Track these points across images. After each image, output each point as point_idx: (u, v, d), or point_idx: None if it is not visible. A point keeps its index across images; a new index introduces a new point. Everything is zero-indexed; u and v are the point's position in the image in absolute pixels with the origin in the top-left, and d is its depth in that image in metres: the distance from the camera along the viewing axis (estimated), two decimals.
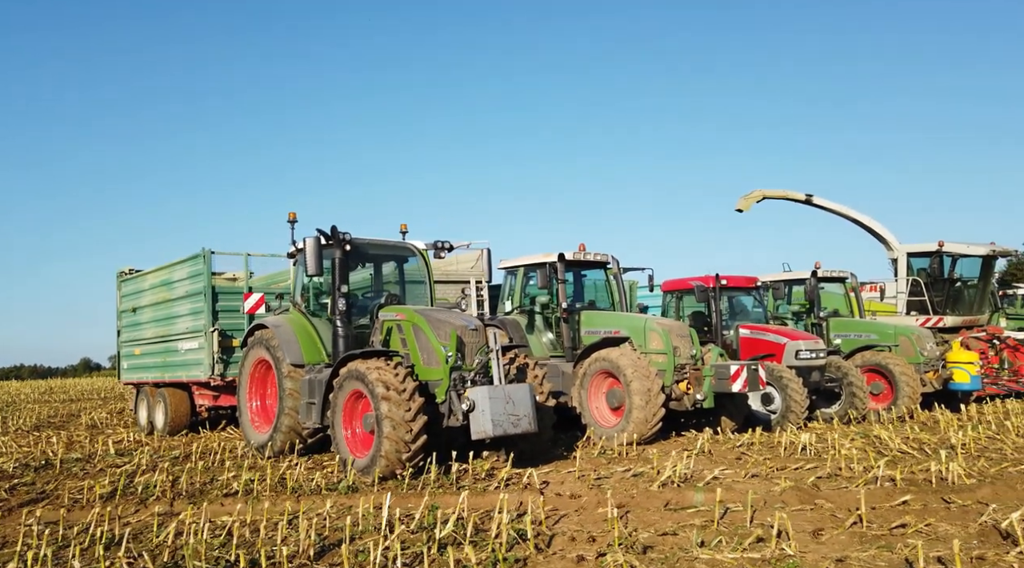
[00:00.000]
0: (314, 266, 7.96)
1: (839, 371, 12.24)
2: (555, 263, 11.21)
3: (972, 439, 8.90)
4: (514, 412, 7.21)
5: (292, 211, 9.10)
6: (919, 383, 12.49)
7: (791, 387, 11.09)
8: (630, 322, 10.75)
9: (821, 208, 19.29)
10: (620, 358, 9.69)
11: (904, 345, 13.49)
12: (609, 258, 11.94)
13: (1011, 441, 8.80)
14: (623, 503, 6.08)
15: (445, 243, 9.68)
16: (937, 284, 17.24)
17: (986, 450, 8.33)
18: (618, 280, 12.06)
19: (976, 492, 6.05)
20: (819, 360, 11.99)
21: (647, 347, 10.39)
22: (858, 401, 11.92)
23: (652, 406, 9.33)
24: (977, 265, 17.56)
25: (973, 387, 12.83)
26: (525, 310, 11.78)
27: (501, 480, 6.72)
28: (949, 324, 16.94)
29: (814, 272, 14.57)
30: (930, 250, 17.29)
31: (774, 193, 19.29)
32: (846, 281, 15.45)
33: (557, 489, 6.66)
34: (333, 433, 7.74)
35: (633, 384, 9.41)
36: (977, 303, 17.87)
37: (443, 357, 7.62)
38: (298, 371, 8.61)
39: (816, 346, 12.04)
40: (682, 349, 10.28)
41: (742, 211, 19.45)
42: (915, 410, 12.27)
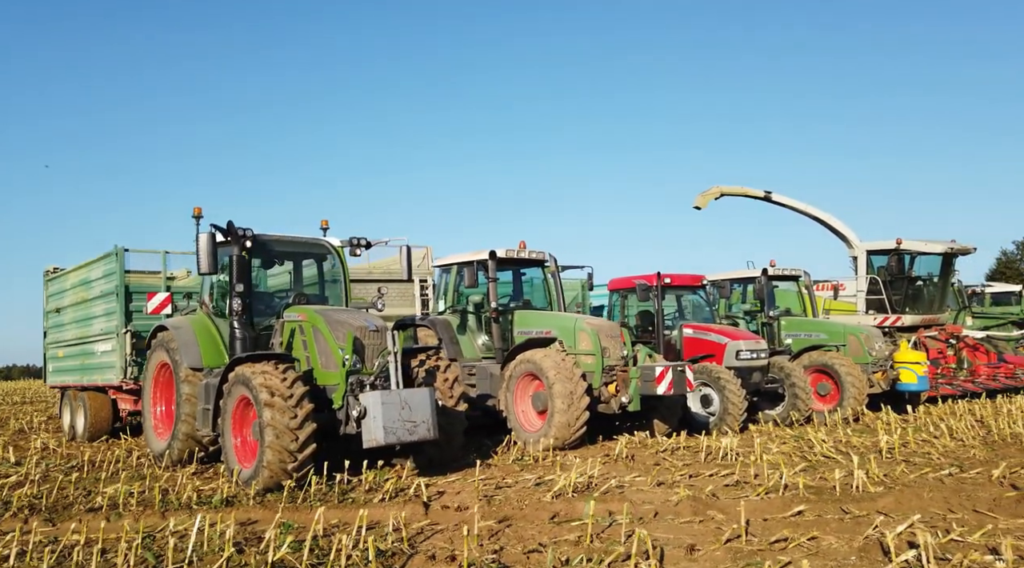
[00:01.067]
0: (207, 264, 7.59)
1: (782, 372, 12.04)
2: (485, 261, 10.91)
3: (902, 443, 8.71)
4: (410, 418, 6.89)
5: (197, 206, 8.70)
6: (865, 384, 12.32)
7: (728, 389, 10.86)
8: (560, 322, 10.47)
9: (780, 205, 19.14)
10: (544, 360, 9.40)
11: (852, 345, 13.33)
12: (546, 256, 11.65)
13: (942, 445, 8.61)
14: (509, 515, 5.79)
15: (361, 240, 9.34)
16: (896, 282, 17.15)
17: (914, 454, 8.13)
18: (555, 279, 11.77)
19: (878, 501, 5.82)
20: (760, 360, 11.78)
21: (577, 348, 10.12)
22: (800, 402, 11.72)
23: (575, 409, 9.05)
24: (937, 263, 17.49)
25: (920, 388, 12.67)
26: (458, 310, 11.47)
27: (388, 492, 6.40)
28: (908, 323, 16.84)
29: (764, 271, 14.37)
30: (888, 248, 17.18)
31: (732, 190, 19.11)
32: (799, 279, 15.28)
33: (449, 500, 6.35)
34: (223, 441, 7.39)
35: (555, 386, 9.12)
36: (937, 301, 17.81)
37: (340, 360, 7.29)
38: (197, 375, 8.24)
39: (757, 346, 11.83)
40: (612, 350, 10.01)
41: (700, 208, 19.24)
42: (861, 412, 12.11)
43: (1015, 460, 7.58)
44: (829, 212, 18.85)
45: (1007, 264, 42.94)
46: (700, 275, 13.54)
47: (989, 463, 7.35)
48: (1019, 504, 5.66)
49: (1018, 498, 5.81)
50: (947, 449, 8.36)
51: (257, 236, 8.45)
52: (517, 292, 12.13)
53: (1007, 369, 16.14)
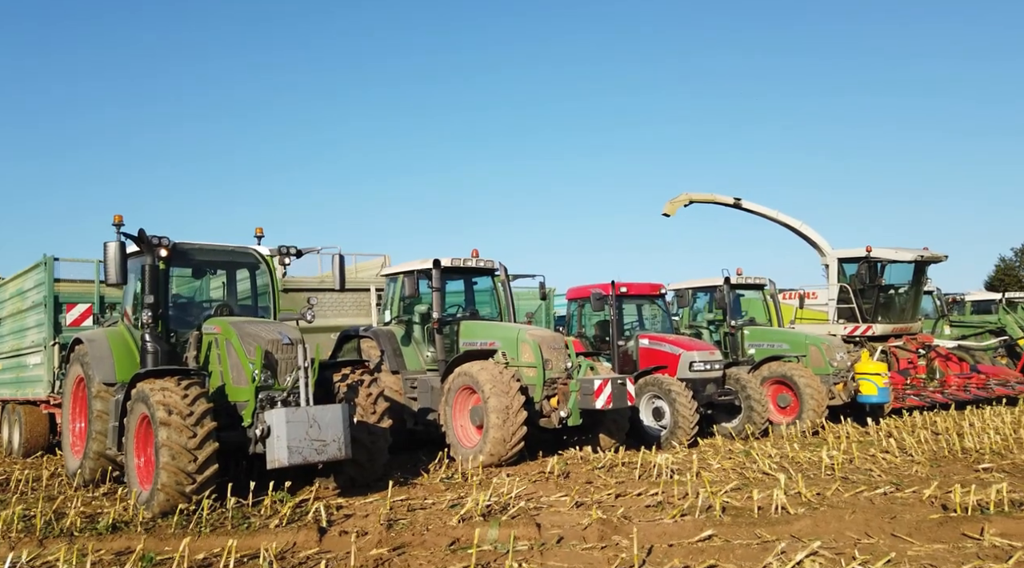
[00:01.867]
0: (116, 274, 7.31)
1: (737, 383, 11.79)
2: (429, 270, 10.65)
3: (848, 459, 8.47)
4: (319, 437, 6.61)
5: (118, 214, 8.41)
6: (825, 395, 12.08)
7: (679, 401, 10.62)
8: (504, 333, 10.21)
9: (750, 212, 18.97)
10: (480, 373, 9.13)
11: (813, 355, 13.10)
12: (495, 265, 11.39)
13: (888, 460, 8.37)
14: (407, 542, 5.51)
15: (291, 248, 9.07)
16: (867, 291, 16.96)
17: (856, 471, 7.89)
18: (506, 288, 11.51)
19: (795, 524, 5.56)
20: (714, 372, 11.54)
21: (519, 359, 9.86)
22: (756, 415, 11.47)
23: (511, 425, 8.78)
24: (909, 271, 17.32)
25: (881, 400, 12.42)
26: (403, 320, 11.20)
27: (284, 516, 6.11)
28: (879, 332, 16.65)
29: (727, 279, 14.17)
30: (859, 255, 17.00)
31: (701, 197, 18.93)
32: (764, 288, 15.07)
33: (352, 524, 6.07)
34: (126, 461, 7.09)
35: (491, 401, 8.85)
36: (909, 310, 17.63)
37: (250, 375, 7.01)
38: (109, 391, 7.94)
39: (711, 357, 11.59)
40: (555, 362, 9.75)
41: (668, 215, 19.06)
42: (821, 424, 11.85)
43: (956, 477, 7.35)
44: (800, 219, 18.73)
45: (1005, 271, 42.86)
46: (658, 284, 13.32)
47: (928, 481, 7.10)
48: (941, 527, 5.42)
49: (942, 520, 5.56)
50: (892, 465, 8.13)
51: (177, 245, 8.19)
52: (469, 302, 11.88)
53: (979, 380, 15.93)
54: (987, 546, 4.98)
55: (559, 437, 10.43)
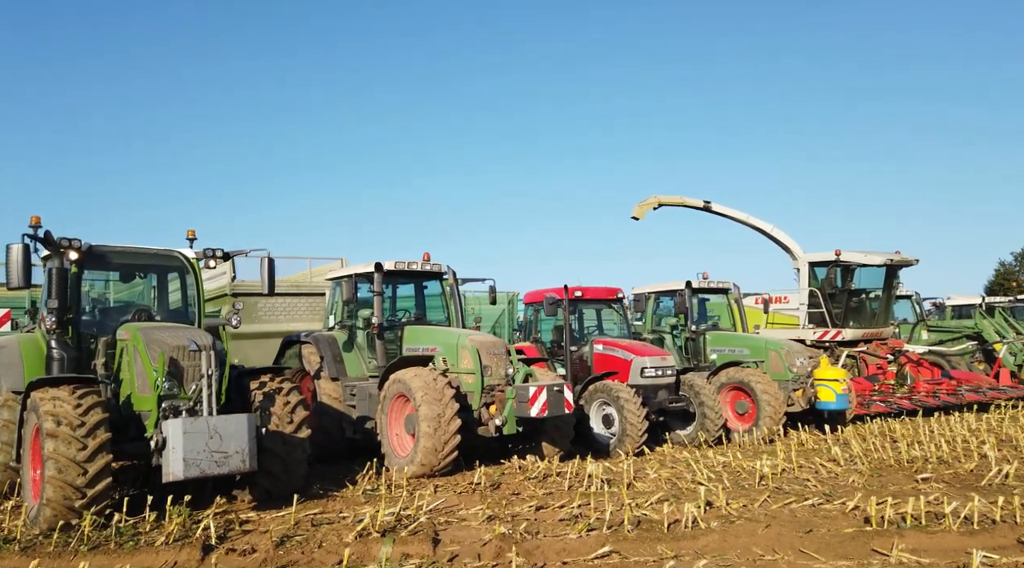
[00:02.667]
0: (18, 277, 7.06)
1: (691, 390, 11.56)
2: (370, 273, 10.42)
3: (787, 468, 8.24)
4: (220, 449, 6.35)
5: (35, 216, 8.13)
6: (782, 402, 11.85)
7: (627, 408, 10.38)
8: (445, 338, 9.96)
9: (720, 215, 18.79)
10: (413, 380, 8.88)
11: (773, 361, 12.89)
12: (443, 268, 11.16)
13: (829, 470, 8.15)
14: (294, 561, 5.26)
15: (217, 251, 8.80)
16: (837, 295, 16.77)
17: (792, 481, 7.66)
18: (454, 292, 11.28)
19: (701, 539, 5.33)
20: (665, 378, 11.31)
21: (459, 366, 9.61)
22: (709, 422, 11.25)
23: (443, 434, 8.52)
24: (880, 275, 17.15)
25: (839, 406, 12.17)
26: (346, 325, 10.95)
27: (172, 533, 5.83)
28: (849, 337, 16.47)
29: (688, 283, 13.96)
30: (828, 259, 16.82)
31: (670, 200, 18.75)
32: (728, 292, 14.87)
33: (246, 541, 5.80)
34: (22, 473, 6.81)
35: (422, 409, 8.59)
36: (881, 315, 17.45)
37: (153, 383, 6.75)
38: (17, 399, 7.64)
39: (663, 363, 11.36)
40: (494, 368, 9.50)
41: (637, 219, 18.86)
42: (778, 431, 11.61)
43: (892, 488, 7.13)
44: (771, 222, 18.57)
45: (1005, 276, 42.81)
46: (615, 288, 13.12)
47: (859, 491, 6.87)
48: (853, 541, 5.19)
49: (856, 535, 5.34)
50: (831, 475, 7.90)
51: (93, 247, 7.93)
52: (420, 307, 11.64)
53: (949, 386, 15.72)
54: (894, 563, 4.75)
55: (504, 445, 10.18)
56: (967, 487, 7.04)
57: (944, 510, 5.56)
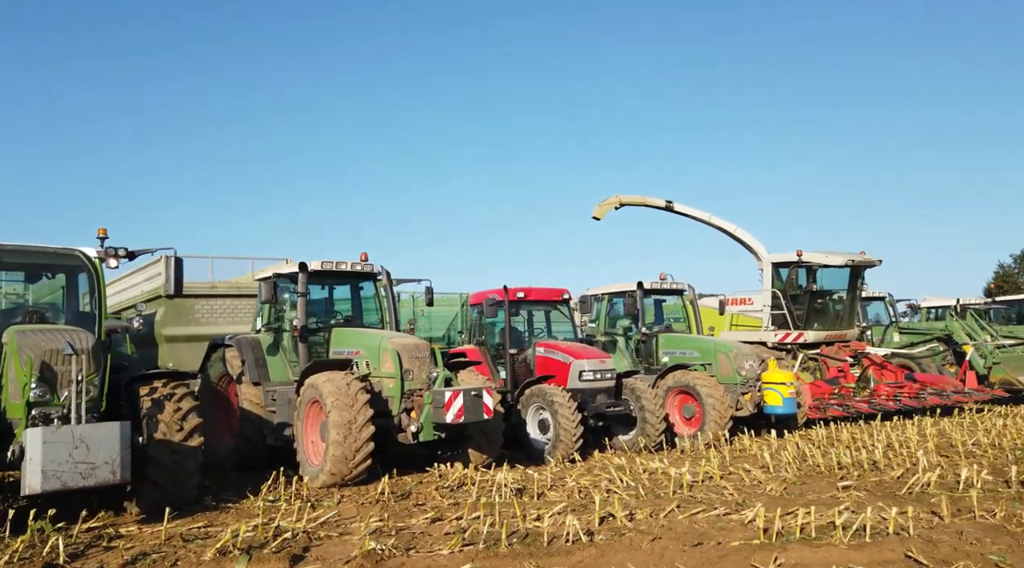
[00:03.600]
0: None
1: (633, 393, 11.26)
2: (295, 274, 10.08)
3: (709, 475, 7.94)
4: (87, 459, 6.00)
5: None
6: (727, 406, 11.56)
7: (561, 413, 10.09)
8: (368, 341, 9.63)
9: (683, 215, 18.52)
10: (325, 384, 8.54)
11: (722, 363, 12.61)
12: (376, 268, 10.83)
13: (753, 477, 7.86)
14: None
15: (120, 250, 8.42)
16: (800, 296, 16.51)
17: (711, 489, 7.36)
18: (388, 293, 10.95)
19: (578, 554, 5.02)
20: (604, 381, 11.01)
21: (380, 370, 9.29)
22: (650, 427, 10.94)
23: (353, 441, 8.19)
24: (844, 276, 16.92)
25: (786, 411, 11.89)
26: (272, 328, 10.60)
27: (16, 552, 5.47)
28: (811, 339, 16.23)
29: (640, 284, 13.66)
30: (790, 260, 16.56)
31: (632, 200, 18.48)
32: (683, 294, 14.59)
33: (97, 561, 5.43)
34: None
35: (332, 415, 8.26)
36: (845, 317, 17.21)
37: (22, 388, 6.40)
38: None
39: (602, 366, 11.05)
40: (416, 372, 9.17)
41: (598, 219, 18.59)
42: (723, 436, 11.31)
43: (810, 496, 6.84)
44: (734, 222, 18.31)
45: (1004, 278, 42.74)
46: (561, 289, 12.81)
47: (775, 500, 6.58)
48: (736, 554, 4.90)
49: (740, 548, 5.04)
50: (753, 482, 7.61)
51: None
52: (356, 308, 11.32)
53: (912, 389, 15.47)
54: None
55: (433, 452, 9.84)
56: (887, 495, 6.76)
57: (837, 521, 5.26)
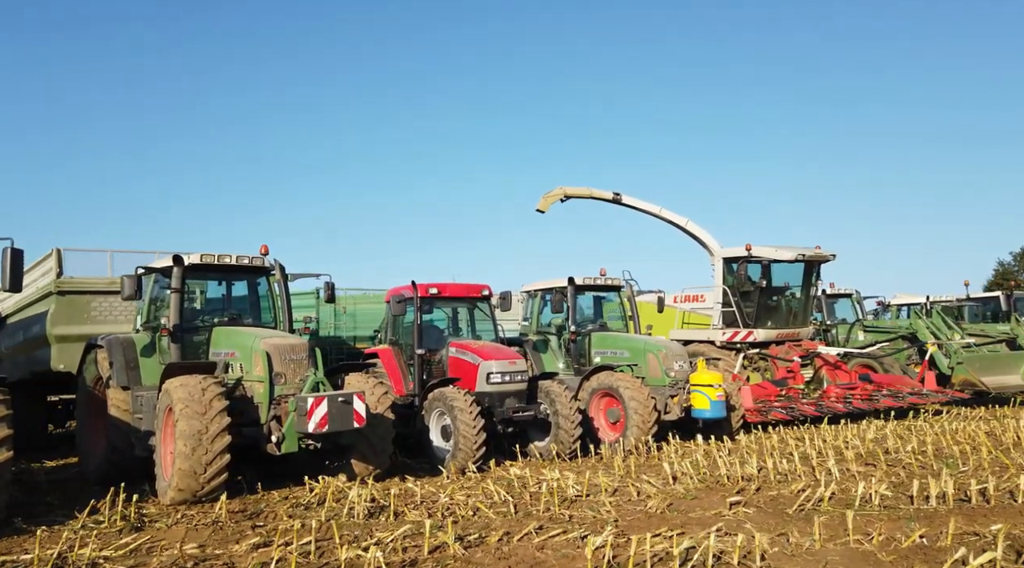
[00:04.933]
0: None
1: (548, 397, 10.52)
2: (169, 268, 9.29)
3: (600, 489, 7.22)
4: None
5: None
6: (650, 410, 10.82)
7: (460, 419, 9.36)
8: (242, 341, 8.86)
9: (631, 208, 17.82)
10: (177, 390, 7.77)
11: (651, 363, 11.91)
12: (266, 262, 10.03)
13: (647, 491, 7.14)
14: None
15: None
16: (750, 293, 15.84)
17: (591, 505, 6.64)
18: (282, 289, 10.17)
19: None
20: (515, 384, 10.27)
21: (252, 372, 8.53)
22: (564, 433, 10.21)
23: (204, 454, 7.42)
24: (798, 272, 16.27)
25: (714, 415, 11.13)
26: (151, 327, 9.81)
27: None
28: (761, 338, 15.57)
29: (571, 279, 12.96)
30: (740, 255, 15.88)
31: (577, 191, 17.74)
32: (621, 290, 13.89)
33: None
34: None
35: (179, 424, 7.49)
36: (800, 314, 16.56)
37: None
38: None
39: (511, 367, 10.30)
40: (289, 375, 8.42)
41: (542, 211, 17.84)
42: (646, 442, 10.58)
43: (693, 514, 6.13)
44: (686, 216, 17.63)
45: (1003, 275, 42.38)
46: (481, 285, 12.04)
47: (642, 521, 5.87)
48: None
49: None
50: (641, 497, 6.90)
51: None
52: (254, 306, 10.54)
53: (864, 390, 14.81)
54: None
55: (322, 462, 9.08)
56: (776, 513, 6.06)
57: (675, 551, 4.54)
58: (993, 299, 24.35)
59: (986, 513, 5.56)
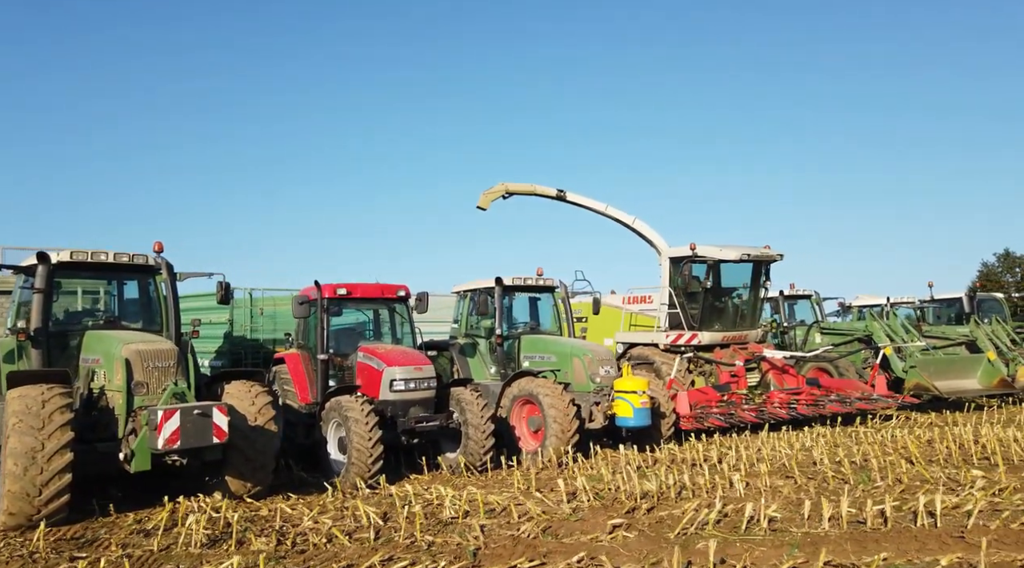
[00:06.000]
0: None
1: (459, 404, 9.86)
2: (33, 267, 8.50)
3: (460, 513, 6.57)
4: None
5: None
6: (571, 418, 10.21)
7: (354, 430, 8.67)
8: (107, 347, 8.09)
9: (576, 205, 17.24)
10: (15, 401, 6.98)
11: (576, 369, 11.30)
12: (152, 260, 9.25)
13: (517, 514, 6.49)
14: None
15: None
16: (696, 294, 15.29)
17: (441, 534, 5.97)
18: (169, 289, 9.39)
19: None
20: (420, 391, 9.59)
21: (112, 382, 7.78)
22: (473, 444, 9.55)
23: (38, 474, 6.63)
24: (747, 272, 15.76)
25: (638, 423, 10.51)
26: (17, 330, 8.98)
27: None
28: (706, 341, 15.00)
29: (498, 280, 12.32)
30: (684, 254, 15.33)
31: (519, 188, 17.12)
32: (555, 291, 13.28)
33: None
34: None
35: (11, 441, 6.73)
36: (748, 316, 16.04)
37: None
38: None
39: (417, 373, 9.62)
40: (153, 385, 7.67)
41: (483, 209, 17.19)
42: (566, 452, 9.95)
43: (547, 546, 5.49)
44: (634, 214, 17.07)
45: (987, 276, 42.41)
46: (399, 285, 11.34)
47: (516, 547, 5.23)
48: None
49: None
50: (517, 519, 6.26)
51: None
52: (144, 308, 9.75)
53: (810, 396, 14.31)
54: None
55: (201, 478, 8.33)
56: (657, 538, 5.46)
57: None
58: (957, 301, 24.05)
59: (878, 539, 5.00)
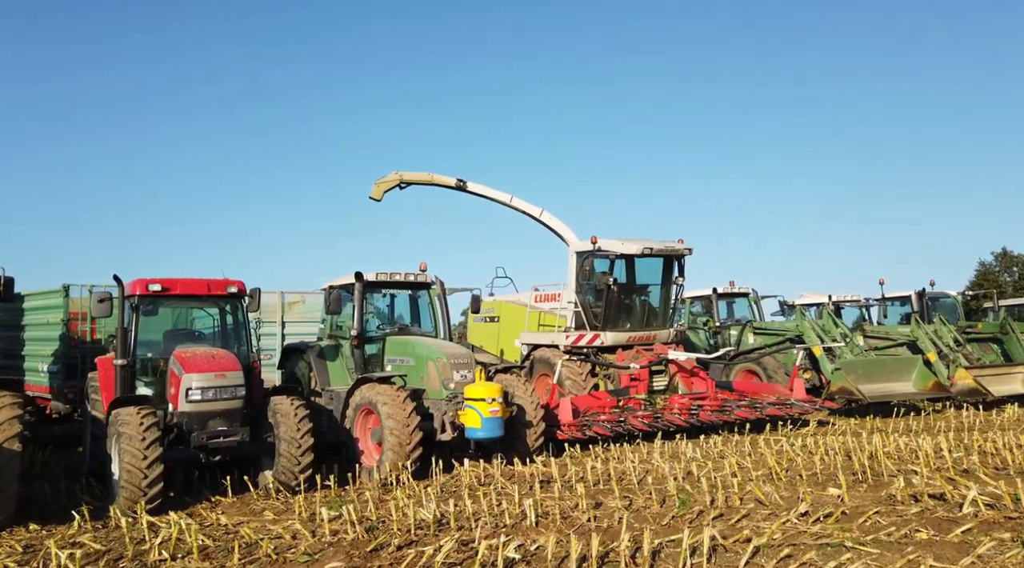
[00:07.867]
0: None
1: (276, 416, 8.71)
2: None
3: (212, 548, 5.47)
4: None
5: None
6: (410, 430, 9.10)
7: (126, 448, 7.49)
8: None
9: (478, 196, 16.19)
10: None
11: (430, 374, 10.18)
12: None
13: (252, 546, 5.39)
14: None
15: None
16: (600, 291, 14.29)
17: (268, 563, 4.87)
18: None
19: None
20: (223, 402, 8.40)
21: None
22: (286, 461, 8.42)
23: None
24: (657, 269, 14.82)
25: (487, 434, 9.41)
26: None
27: None
28: (609, 342, 14.01)
29: (358, 275, 11.13)
30: (587, 249, 14.34)
31: (416, 177, 16.07)
32: (430, 288, 12.16)
33: None
34: None
35: None
36: (660, 315, 15.08)
37: None
38: None
39: (219, 382, 8.42)
40: None
41: (376, 200, 16.08)
42: (406, 468, 8.86)
43: None
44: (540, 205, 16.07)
45: (984, 275, 42.03)
46: (229, 280, 10.07)
47: None
48: None
49: None
50: (246, 558, 5.15)
51: None
52: None
53: (715, 401, 13.34)
54: None
55: None
56: None
57: None
58: (907, 299, 23.28)
59: None
